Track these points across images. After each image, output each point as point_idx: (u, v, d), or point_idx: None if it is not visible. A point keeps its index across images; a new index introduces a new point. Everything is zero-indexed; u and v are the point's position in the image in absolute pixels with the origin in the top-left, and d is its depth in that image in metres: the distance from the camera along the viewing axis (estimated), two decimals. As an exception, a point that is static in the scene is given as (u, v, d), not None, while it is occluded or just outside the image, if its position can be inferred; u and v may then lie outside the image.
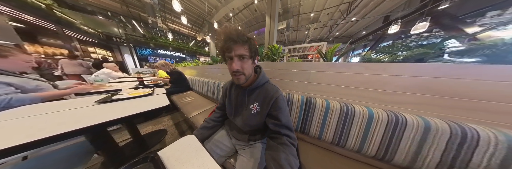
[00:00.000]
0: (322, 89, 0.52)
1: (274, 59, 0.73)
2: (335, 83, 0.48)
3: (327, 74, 0.50)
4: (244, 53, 0.27)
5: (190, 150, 0.25)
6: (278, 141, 0.30)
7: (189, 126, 0.96)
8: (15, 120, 0.34)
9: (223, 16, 4.16)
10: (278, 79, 0.64)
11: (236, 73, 0.29)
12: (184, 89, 1.32)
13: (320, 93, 0.53)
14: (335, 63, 0.49)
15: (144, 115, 0.40)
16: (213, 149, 0.38)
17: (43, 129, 0.28)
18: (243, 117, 0.36)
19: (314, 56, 3.41)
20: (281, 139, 0.29)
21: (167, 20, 6.54)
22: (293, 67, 0.59)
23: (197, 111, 0.78)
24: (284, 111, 0.32)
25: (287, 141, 0.29)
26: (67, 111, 0.40)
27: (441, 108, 0.34)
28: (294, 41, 10.14)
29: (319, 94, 0.53)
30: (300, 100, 0.50)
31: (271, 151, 0.28)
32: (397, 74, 0.37)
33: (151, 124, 1.00)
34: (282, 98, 0.32)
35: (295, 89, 0.60)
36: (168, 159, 0.23)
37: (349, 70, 0.45)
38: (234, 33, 0.26)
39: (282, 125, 0.31)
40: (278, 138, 0.30)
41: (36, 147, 0.25)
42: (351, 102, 0.45)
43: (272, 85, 0.35)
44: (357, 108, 0.40)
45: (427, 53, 0.37)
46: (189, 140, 0.28)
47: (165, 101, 0.51)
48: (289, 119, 0.32)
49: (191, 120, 0.69)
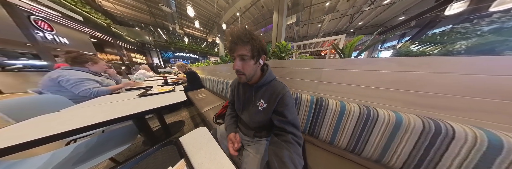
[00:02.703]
0: (337, 89, 0.47)
1: (281, 57, 0.70)
2: (354, 82, 0.42)
3: (344, 73, 0.44)
4: (244, 54, 0.27)
5: (202, 140, 0.29)
6: (283, 138, 0.29)
7: (202, 119, 1.09)
8: (97, 106, 0.50)
9: (231, 17, 4.26)
10: (286, 78, 0.61)
11: (237, 73, 0.31)
12: (198, 86, 1.49)
13: (333, 94, 0.48)
14: (354, 59, 0.42)
15: (169, 108, 0.50)
16: (222, 141, 0.41)
17: (111, 113, 0.41)
18: (250, 113, 0.37)
19: (328, 52, 3.02)
20: (285, 136, 0.29)
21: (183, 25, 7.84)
22: (303, 65, 0.55)
23: (208, 106, 0.86)
24: (291, 108, 0.31)
25: (292, 139, 0.28)
26: (122, 101, 0.56)
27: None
28: (304, 37, 9.14)
29: (333, 95, 0.48)
30: (309, 100, 0.47)
31: (274, 147, 0.28)
32: (449, 72, 0.28)
33: (173, 116, 1.20)
34: (289, 94, 0.32)
35: (304, 88, 0.56)
36: (187, 145, 0.27)
37: (374, 67, 0.37)
38: (235, 34, 0.26)
39: (288, 122, 0.30)
40: (282, 135, 0.29)
41: (108, 124, 0.36)
42: (375, 105, 0.39)
43: (279, 82, 0.34)
44: (381, 112, 0.34)
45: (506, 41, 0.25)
46: (202, 131, 0.32)
47: (183, 97, 0.60)
48: (295, 117, 0.31)
49: (204, 114, 0.77)
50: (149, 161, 0.24)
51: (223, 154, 0.25)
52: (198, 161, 0.23)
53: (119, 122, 0.38)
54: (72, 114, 0.42)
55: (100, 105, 0.51)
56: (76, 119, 0.37)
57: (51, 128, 0.31)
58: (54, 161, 0.38)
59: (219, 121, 0.56)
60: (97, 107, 0.48)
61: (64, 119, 0.38)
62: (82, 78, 0.66)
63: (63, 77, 0.62)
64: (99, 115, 0.39)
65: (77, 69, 0.69)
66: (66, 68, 0.67)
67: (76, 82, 0.64)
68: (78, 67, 0.70)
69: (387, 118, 0.33)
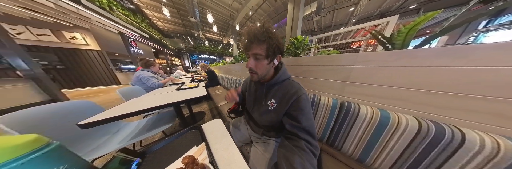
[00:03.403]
0: (374, 93, 0.35)
1: (297, 53, 0.63)
2: (408, 84, 0.29)
3: (389, 71, 0.31)
4: (259, 53, 0.26)
5: (218, 130, 0.33)
6: (294, 143, 0.26)
7: (218, 112, 1.26)
8: (157, 95, 0.74)
9: (243, 17, 4.40)
10: (301, 77, 0.54)
11: (250, 71, 0.30)
12: (215, 83, 1.74)
13: (368, 98, 0.37)
14: (415, 50, 0.27)
15: (194, 100, 0.64)
16: (234, 133, 0.42)
17: (163, 100, 0.59)
18: (260, 111, 0.36)
19: (364, 43, 2.26)
20: (298, 141, 0.26)
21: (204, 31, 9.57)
22: (324, 61, 0.46)
23: (223, 101, 0.97)
24: (306, 113, 0.27)
25: (305, 147, 0.25)
26: (168, 93, 0.79)
27: None
28: (328, 27, 7.41)
29: (367, 100, 0.37)
30: (331, 104, 0.39)
31: (284, 150, 0.26)
32: None
33: (197, 107, 1.51)
34: (305, 97, 0.28)
35: (324, 89, 0.48)
36: (206, 132, 0.32)
37: (460, 61, 0.23)
38: (252, 33, 0.25)
39: (302, 129, 0.27)
40: (294, 140, 0.27)
41: (161, 108, 0.52)
42: (452, 121, 0.25)
43: (294, 82, 0.31)
44: (471, 136, 0.21)
45: None
46: (218, 122, 0.37)
47: (204, 92, 0.73)
48: (311, 124, 0.27)
49: (219, 108, 0.89)
50: (182, 138, 0.31)
51: (234, 145, 0.27)
52: (214, 147, 0.27)
53: (166, 107, 0.54)
54: (145, 99, 0.65)
55: (158, 94, 0.75)
56: (147, 102, 0.58)
57: (138, 106, 0.50)
58: (139, 126, 0.61)
59: (232, 115, 0.60)
60: (156, 96, 0.72)
61: (143, 101, 0.60)
62: (149, 76, 1.06)
63: (141, 76, 1.03)
64: (157, 101, 0.59)
65: (146, 70, 1.09)
66: (142, 69, 1.09)
67: (147, 78, 1.04)
68: (147, 69, 1.11)
69: (483, 145, 0.20)
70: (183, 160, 0.21)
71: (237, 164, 0.23)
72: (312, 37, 2.72)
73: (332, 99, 0.41)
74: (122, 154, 0.23)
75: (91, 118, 0.40)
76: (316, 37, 2.75)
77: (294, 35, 2.03)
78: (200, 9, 5.53)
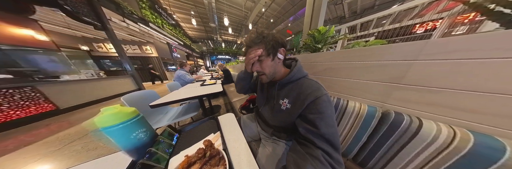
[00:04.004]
0: (463, 105, 0.22)
1: (317, 48, 0.52)
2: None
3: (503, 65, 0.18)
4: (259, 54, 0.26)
5: (231, 123, 0.36)
6: (308, 150, 0.22)
7: (231, 107, 1.40)
8: (187, 89, 1.00)
9: (256, 15, 4.35)
10: (320, 76, 0.46)
11: (258, 74, 0.30)
12: (229, 81, 1.94)
13: (446, 112, 0.24)
14: None
15: (212, 95, 0.79)
16: (245, 129, 0.43)
17: (191, 93, 0.78)
18: (271, 110, 0.34)
19: (446, 22, 1.41)
20: (313, 150, 0.21)
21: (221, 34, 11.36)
22: (356, 56, 0.35)
23: (236, 98, 1.08)
24: (327, 118, 0.23)
25: (322, 157, 0.20)
26: (194, 87, 1.02)
27: None
28: (368, 9, 5.28)
29: (439, 113, 0.24)
30: (365, 112, 0.30)
31: (295, 156, 0.23)
32: None
33: (215, 101, 1.80)
34: (326, 99, 0.24)
35: (353, 92, 0.38)
36: (222, 123, 0.36)
37: None
38: (247, 40, 0.27)
39: (320, 136, 0.22)
40: (309, 148, 0.22)
41: (190, 99, 0.72)
42: None
43: (312, 81, 0.27)
44: None
45: None
46: (230, 116, 0.40)
47: (220, 88, 0.88)
48: (333, 131, 0.22)
49: (232, 103, 0.99)
50: (203, 125, 0.37)
51: (244, 139, 0.29)
52: (227, 137, 0.29)
53: (193, 99, 0.72)
54: (181, 92, 0.88)
55: (189, 89, 1.00)
56: (182, 94, 0.78)
57: (177, 97, 0.70)
58: (177, 111, 0.83)
59: (243, 112, 0.61)
60: (187, 89, 0.96)
61: (180, 93, 0.81)
62: (184, 73, 1.44)
63: (180, 74, 1.43)
64: (188, 94, 0.78)
65: (183, 70, 1.47)
66: (180, 69, 1.47)
67: (183, 75, 1.42)
68: (183, 68, 1.49)
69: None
70: (204, 142, 0.24)
71: (245, 156, 0.24)
72: (340, 27, 2.03)
73: (366, 105, 0.31)
74: (169, 129, 0.31)
75: (155, 101, 0.64)
76: (346, 25, 2.02)
77: (315, 27, 1.58)
78: (218, 15, 6.26)
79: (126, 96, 0.63)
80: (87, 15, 1.62)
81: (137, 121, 0.24)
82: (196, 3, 5.93)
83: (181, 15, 6.84)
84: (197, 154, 0.22)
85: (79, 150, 0.78)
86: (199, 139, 0.30)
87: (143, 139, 0.25)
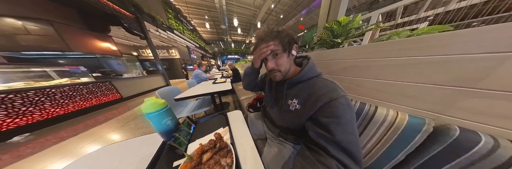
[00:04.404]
0: None
1: (335, 44, 0.44)
2: None
3: None
4: (275, 49, 0.25)
5: (238, 120, 0.38)
6: (320, 158, 0.19)
7: (239, 105, 1.53)
8: (202, 86, 1.17)
9: (265, 12, 4.24)
10: (338, 76, 0.40)
11: (271, 72, 0.27)
12: (238, 80, 2.01)
13: None
14: None
15: (222, 92, 0.88)
16: (251, 126, 0.42)
17: (205, 90, 0.91)
18: (279, 110, 0.32)
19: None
20: (325, 158, 0.19)
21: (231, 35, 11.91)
22: (398, 50, 0.27)
23: (244, 96, 1.13)
24: (345, 124, 0.20)
25: (336, 167, 0.18)
26: (208, 85, 1.18)
27: None
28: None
29: None
30: (405, 123, 0.24)
31: (304, 162, 0.20)
32: None
33: (225, 98, 1.97)
34: (343, 102, 0.21)
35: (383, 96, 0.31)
36: (230, 119, 0.38)
37: None
38: (262, 34, 0.25)
39: (335, 143, 0.19)
40: (320, 155, 0.20)
41: (204, 95, 0.85)
42: None
43: (327, 81, 0.25)
44: None
45: None
46: (238, 113, 0.42)
47: (229, 86, 0.97)
48: (353, 140, 0.19)
49: (240, 101, 1.05)
50: (214, 119, 0.40)
51: (250, 136, 0.30)
52: (234, 133, 0.31)
53: (206, 95, 0.84)
54: (197, 88, 1.03)
55: (203, 86, 1.15)
56: (198, 90, 0.92)
57: (194, 93, 0.84)
58: (194, 105, 0.98)
59: (250, 110, 0.61)
60: (202, 86, 1.11)
61: (196, 90, 0.97)
62: (201, 72, 1.67)
63: (197, 72, 1.66)
64: (203, 90, 0.91)
65: (199, 69, 1.71)
66: (197, 69, 1.72)
67: (200, 74, 1.65)
68: (200, 68, 1.72)
69: None
70: (214, 135, 0.26)
71: (251, 153, 0.25)
72: (369, 14, 1.42)
73: (407, 115, 0.24)
74: (188, 120, 0.36)
75: (178, 95, 0.79)
76: (380, 11, 1.38)
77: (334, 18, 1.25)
78: (228, 16, 6.57)
79: (159, 90, 0.81)
80: (136, 29, 2.31)
81: (166, 110, 0.29)
82: (210, 8, 6.46)
83: (197, 20, 7.66)
84: (209, 144, 0.24)
85: (133, 127, 1.11)
86: (210, 131, 0.33)
87: (170, 126, 0.30)
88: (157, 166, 0.23)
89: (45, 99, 1.24)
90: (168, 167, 0.22)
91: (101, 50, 2.25)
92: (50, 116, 1.25)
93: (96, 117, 1.45)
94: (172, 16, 4.31)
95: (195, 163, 0.20)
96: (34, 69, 1.61)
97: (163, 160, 0.24)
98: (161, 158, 0.25)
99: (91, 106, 1.62)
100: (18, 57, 1.83)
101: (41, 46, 1.62)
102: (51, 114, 1.26)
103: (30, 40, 1.57)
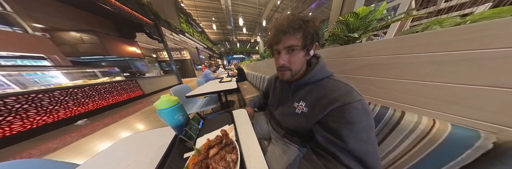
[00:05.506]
0: None
1: (351, 39, 0.39)
2: None
3: None
4: (294, 44, 0.21)
5: (242, 118, 0.37)
6: (329, 165, 0.18)
7: (244, 103, 1.51)
8: (210, 84, 1.28)
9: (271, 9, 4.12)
10: (353, 75, 0.36)
11: (281, 69, 0.24)
12: (243, 79, 2.13)
13: None
14: None
15: (228, 91, 0.93)
16: (255, 124, 0.42)
17: (213, 88, 0.99)
18: (283, 113, 0.31)
19: None
20: (335, 166, 0.18)
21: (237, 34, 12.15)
22: (439, 43, 0.21)
23: (249, 95, 1.13)
24: (360, 132, 0.18)
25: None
26: (215, 84, 1.27)
27: None
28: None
29: None
30: (447, 136, 0.18)
31: (310, 166, 0.19)
32: None
33: (230, 96, 2.07)
34: (360, 107, 0.18)
35: (417, 101, 0.25)
36: (235, 117, 0.38)
37: None
38: (284, 23, 0.20)
39: (347, 151, 0.17)
40: (329, 162, 0.18)
41: (211, 93, 0.93)
42: None
43: (340, 83, 0.22)
44: None
45: None
46: (243, 112, 0.41)
47: (235, 85, 1.03)
48: (370, 150, 0.17)
49: (245, 100, 1.05)
50: (221, 116, 0.40)
51: (254, 135, 0.30)
52: (239, 130, 0.31)
53: (213, 93, 0.91)
54: (206, 87, 1.12)
55: (210, 84, 1.25)
56: (206, 88, 1.00)
57: (202, 91, 0.93)
58: (202, 102, 1.08)
59: (255, 109, 0.58)
60: (210, 85, 1.21)
61: (205, 88, 1.05)
62: (210, 72, 1.83)
63: (206, 72, 1.84)
64: (210, 89, 0.98)
65: (208, 69, 1.88)
66: (207, 69, 1.88)
67: (209, 73, 1.83)
68: (209, 68, 1.88)
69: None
70: (221, 131, 0.27)
71: (255, 151, 0.25)
72: (397, 1, 1.06)
73: (449, 124, 0.19)
74: (197, 116, 0.37)
75: (188, 93, 0.87)
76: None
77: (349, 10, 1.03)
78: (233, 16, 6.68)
79: (173, 88, 0.93)
80: (155, 34, 2.68)
81: (178, 106, 0.31)
82: (216, 9, 6.71)
83: (205, 22, 8.09)
84: (215, 139, 0.25)
85: (152, 120, 1.32)
86: (217, 127, 0.34)
87: (181, 121, 0.31)
88: (171, 155, 0.26)
89: (95, 93, 1.63)
90: (179, 158, 0.25)
91: (129, 53, 2.77)
92: (98, 106, 1.63)
93: (126, 109, 1.78)
94: (183, 20, 4.68)
95: (202, 157, 0.21)
96: (87, 70, 2.09)
97: (175, 151, 0.27)
98: (174, 149, 0.28)
99: (123, 100, 2.00)
100: (78, 61, 2.46)
101: (91, 52, 2.21)
102: (99, 105, 1.63)
103: (84, 48, 2.16)
